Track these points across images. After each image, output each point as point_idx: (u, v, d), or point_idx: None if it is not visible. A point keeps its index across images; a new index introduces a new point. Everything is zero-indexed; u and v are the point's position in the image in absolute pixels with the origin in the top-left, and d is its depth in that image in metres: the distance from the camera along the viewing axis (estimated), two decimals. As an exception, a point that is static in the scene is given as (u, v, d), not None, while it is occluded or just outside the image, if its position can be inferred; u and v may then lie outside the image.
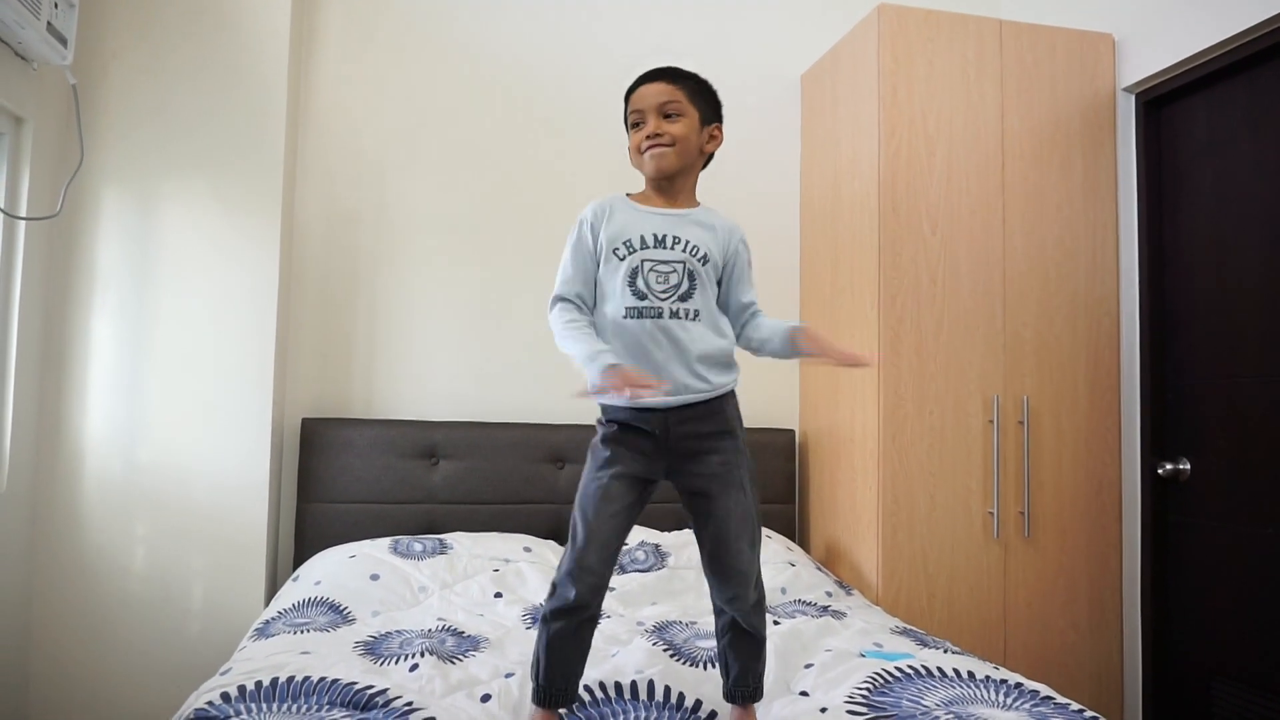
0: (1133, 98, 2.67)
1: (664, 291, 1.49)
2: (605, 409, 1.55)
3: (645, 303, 1.49)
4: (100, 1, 2.37)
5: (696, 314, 1.51)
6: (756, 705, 1.57)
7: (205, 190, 2.43)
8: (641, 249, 1.51)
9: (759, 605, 1.54)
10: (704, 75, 1.62)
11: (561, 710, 1.50)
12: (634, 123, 1.57)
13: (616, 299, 1.50)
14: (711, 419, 1.53)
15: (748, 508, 1.53)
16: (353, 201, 2.74)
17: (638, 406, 1.49)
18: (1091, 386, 2.63)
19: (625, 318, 1.49)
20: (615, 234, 1.52)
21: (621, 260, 1.50)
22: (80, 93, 2.30)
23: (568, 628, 1.46)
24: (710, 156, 1.63)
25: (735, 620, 1.52)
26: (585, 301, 1.54)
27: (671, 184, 1.57)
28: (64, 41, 2.10)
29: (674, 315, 1.49)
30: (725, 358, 1.56)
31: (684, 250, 1.51)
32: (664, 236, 1.52)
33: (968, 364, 2.55)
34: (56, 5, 2.04)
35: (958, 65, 2.59)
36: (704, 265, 1.52)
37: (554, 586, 1.48)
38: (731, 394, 1.57)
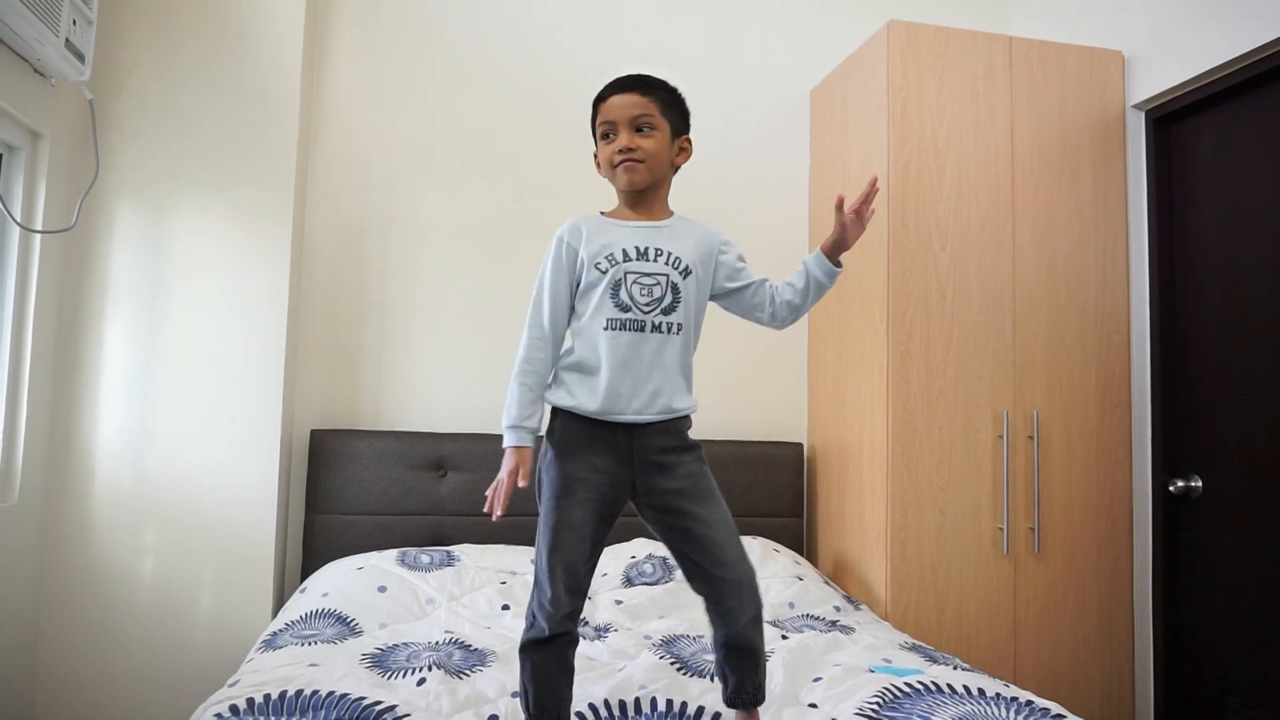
0: (1142, 115, 2.68)
1: (647, 304, 1.49)
2: (559, 412, 1.53)
3: (629, 315, 1.49)
4: (117, 18, 2.40)
5: (680, 328, 1.51)
6: (760, 709, 1.55)
7: (217, 203, 2.45)
8: (625, 261, 1.50)
9: (757, 619, 1.52)
10: (674, 83, 1.60)
11: None
12: (604, 134, 1.56)
13: (599, 312, 1.50)
14: (674, 434, 1.53)
15: (727, 514, 1.52)
16: (363, 214, 2.76)
17: (603, 420, 1.48)
18: (1102, 402, 2.62)
19: (607, 329, 1.48)
20: (597, 250, 1.52)
21: (604, 274, 1.50)
22: (96, 108, 2.32)
23: (548, 656, 1.46)
24: (678, 167, 1.62)
25: (730, 636, 1.50)
26: (556, 334, 1.54)
27: (643, 197, 1.57)
28: (81, 58, 2.13)
29: (655, 329, 1.49)
30: (689, 379, 1.56)
31: (666, 262, 1.51)
32: (646, 249, 1.52)
33: (977, 379, 2.54)
34: (75, 22, 2.06)
35: (967, 81, 2.60)
36: (685, 278, 1.52)
37: (530, 617, 1.47)
38: (689, 419, 1.57)
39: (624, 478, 1.50)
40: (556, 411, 1.55)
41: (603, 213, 1.60)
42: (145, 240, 2.42)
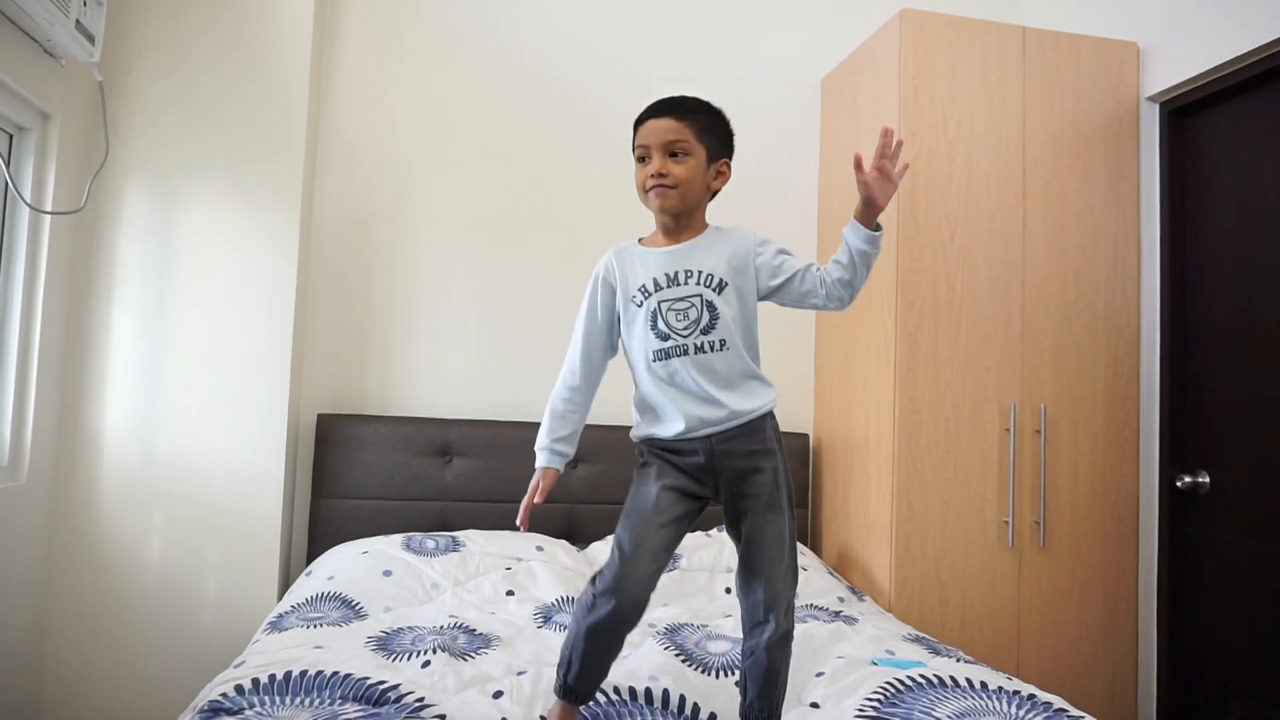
0: (1156, 107, 2.65)
1: (685, 329, 1.50)
2: (646, 440, 1.57)
3: (669, 343, 1.51)
4: (128, 0, 2.41)
5: (723, 344, 1.51)
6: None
7: (226, 186, 2.45)
8: (656, 292, 1.52)
9: (785, 639, 1.52)
10: (717, 104, 1.58)
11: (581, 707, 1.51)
12: (640, 157, 1.56)
13: (643, 346, 1.53)
14: (752, 438, 1.53)
15: (783, 530, 1.52)
16: (371, 199, 2.76)
17: (681, 436, 1.51)
18: (1110, 396, 2.61)
19: (654, 361, 1.51)
20: (629, 283, 1.55)
21: (639, 307, 1.53)
22: (106, 89, 2.32)
23: (606, 638, 1.46)
24: (717, 191, 1.60)
25: (756, 649, 1.51)
26: (587, 365, 1.59)
27: (677, 221, 1.56)
28: (92, 39, 2.12)
29: (700, 350, 1.50)
30: (755, 379, 1.55)
31: (697, 283, 1.52)
32: (675, 274, 1.52)
33: (985, 371, 2.53)
34: (85, 3, 2.06)
35: (980, 71, 2.58)
36: (720, 292, 1.51)
37: (594, 599, 1.46)
38: (770, 414, 1.57)
39: (706, 480, 1.53)
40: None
41: (640, 240, 1.61)
42: (154, 222, 2.42)
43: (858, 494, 2.67)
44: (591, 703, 1.57)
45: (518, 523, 1.61)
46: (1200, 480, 2.46)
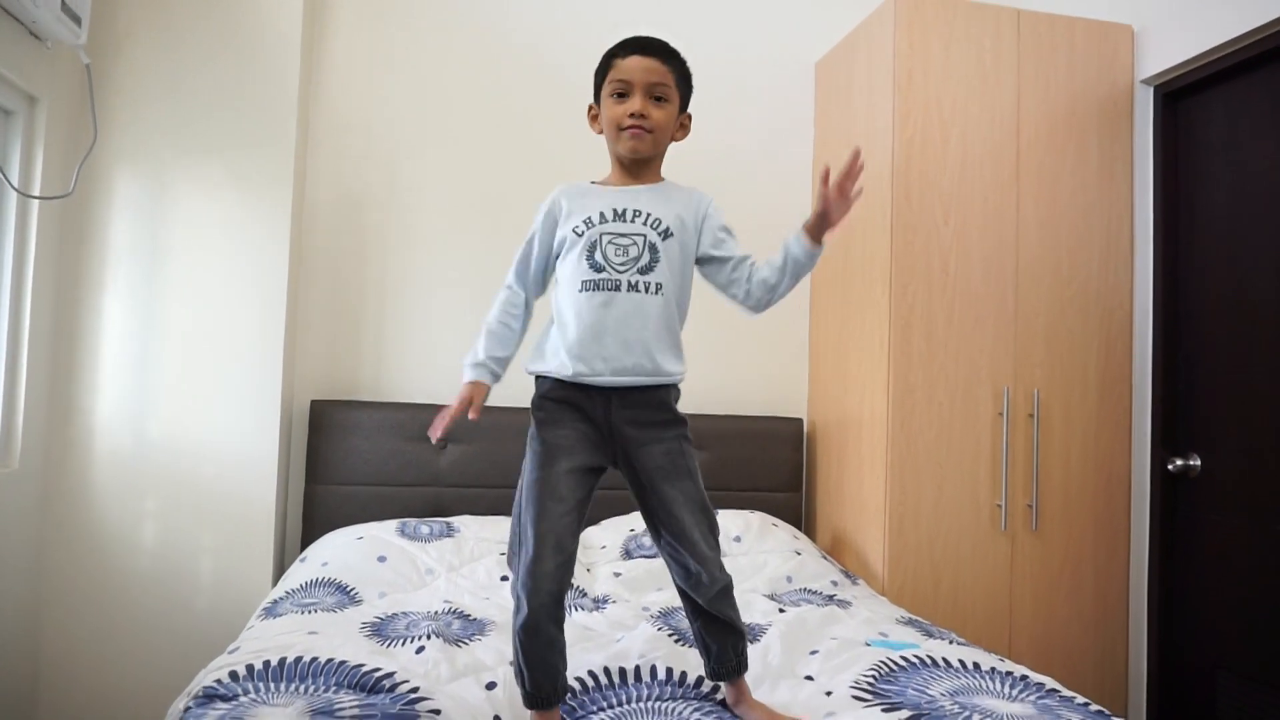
0: (1151, 90, 2.64)
1: (622, 264, 1.46)
2: (540, 383, 1.52)
3: (602, 275, 1.46)
4: (114, -20, 2.37)
5: (659, 288, 1.46)
6: (755, 683, 1.56)
7: (216, 170, 2.43)
8: (601, 223, 1.48)
9: (725, 592, 1.50)
10: (686, 56, 1.56)
11: (559, 706, 1.47)
12: (619, 93, 1.50)
13: (575, 275, 1.47)
14: (656, 407, 1.49)
15: (698, 495, 1.49)
16: (363, 183, 2.74)
17: (579, 384, 1.46)
18: (1102, 380, 2.61)
19: (581, 291, 1.46)
20: (574, 215, 1.50)
21: (580, 236, 1.48)
22: (93, 72, 2.30)
23: (539, 637, 1.41)
24: (675, 143, 1.58)
25: (701, 608, 1.50)
26: (524, 286, 1.57)
27: (637, 166, 1.54)
28: (78, 21, 2.10)
29: (633, 288, 1.45)
30: (677, 344, 1.51)
31: (644, 223, 1.48)
32: (623, 210, 1.48)
33: (978, 354, 2.54)
34: (70, -17, 2.03)
35: (974, 53, 2.57)
36: (665, 239, 1.48)
37: (516, 600, 1.42)
38: (675, 386, 1.53)
39: (604, 446, 1.49)
40: (538, 381, 1.54)
41: (594, 181, 1.58)
42: (144, 206, 2.40)
43: (851, 478, 2.68)
44: (577, 690, 1.56)
45: (430, 433, 1.56)
46: (1192, 463, 2.47)
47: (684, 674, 1.63)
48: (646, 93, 1.49)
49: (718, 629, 1.51)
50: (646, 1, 2.94)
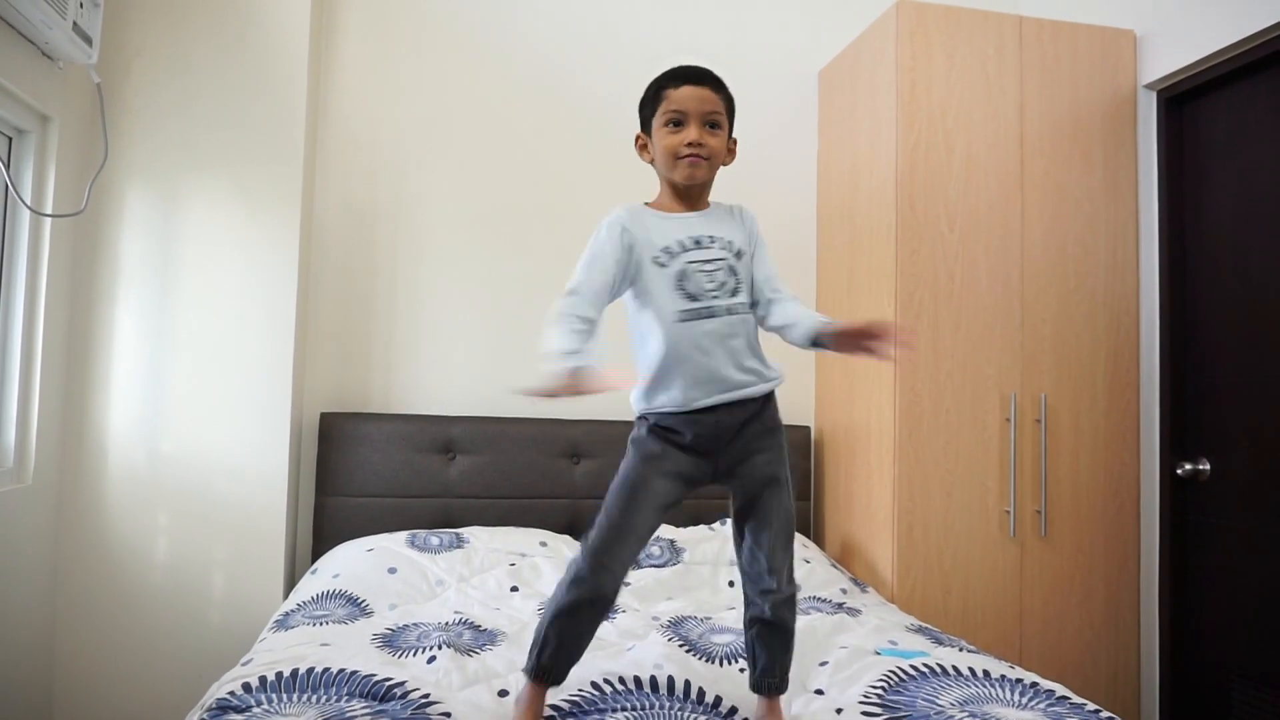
0: (1154, 95, 2.65)
1: (714, 291, 1.50)
2: (650, 413, 1.53)
3: (698, 304, 1.48)
4: (124, 1, 2.40)
5: (745, 309, 1.53)
6: (781, 698, 1.57)
7: (226, 186, 2.46)
8: (683, 252, 1.50)
9: (790, 601, 1.54)
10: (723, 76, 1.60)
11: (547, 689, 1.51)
12: (674, 122, 1.52)
13: (667, 305, 1.48)
14: (760, 416, 1.53)
15: (790, 509, 1.54)
16: (372, 197, 2.76)
17: (687, 410, 1.48)
18: (1110, 385, 2.61)
19: (679, 322, 1.48)
20: (651, 242, 1.50)
21: (664, 267, 1.49)
22: (105, 91, 2.33)
23: (587, 616, 1.47)
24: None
25: (765, 612, 1.52)
26: (597, 303, 1.50)
27: (691, 192, 1.56)
28: (89, 41, 2.13)
29: (730, 312, 1.50)
30: (763, 354, 1.56)
31: (722, 248, 1.52)
32: (701, 237, 1.52)
33: (985, 361, 2.54)
34: (82, 5, 2.06)
35: (977, 61, 2.58)
36: (739, 260, 1.53)
37: (577, 578, 1.46)
38: (773, 394, 1.57)
39: (706, 462, 1.52)
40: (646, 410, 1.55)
41: (647, 204, 1.59)
42: (155, 223, 2.43)
43: (859, 485, 2.68)
44: (595, 692, 1.58)
45: (531, 391, 1.35)
46: (1201, 467, 2.46)
47: (701, 690, 1.63)
48: (702, 122, 1.52)
49: (773, 638, 1.53)
50: (652, 15, 2.96)
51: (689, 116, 1.51)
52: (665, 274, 1.49)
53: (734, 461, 1.52)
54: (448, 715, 1.46)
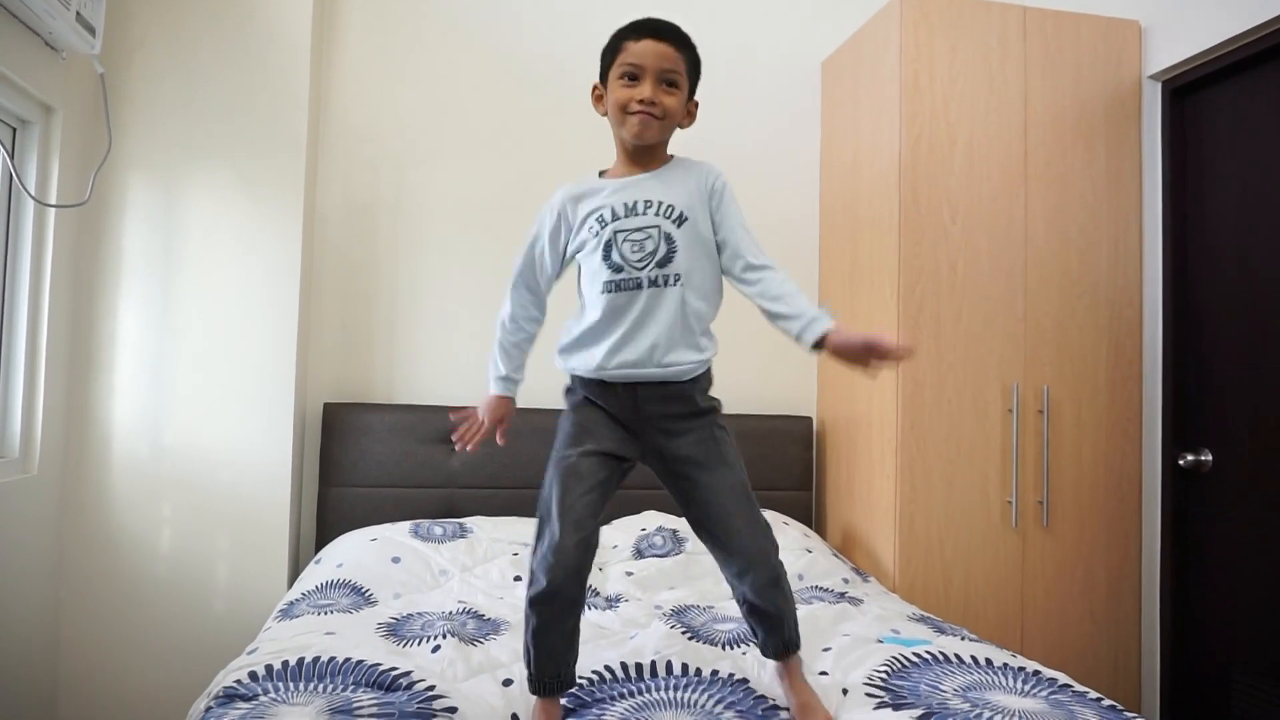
0: (1159, 85, 2.64)
1: (640, 260, 1.44)
2: (573, 377, 1.53)
3: (622, 274, 1.45)
4: (126, -10, 2.40)
5: (677, 278, 1.45)
6: (799, 653, 1.53)
7: (229, 178, 2.46)
8: (613, 221, 1.46)
9: (773, 583, 1.48)
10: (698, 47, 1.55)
11: (562, 699, 1.48)
12: (629, 75, 1.47)
13: (596, 275, 1.47)
14: (677, 399, 1.48)
15: (736, 482, 1.48)
16: (374, 189, 2.76)
17: (603, 381, 1.47)
18: (1112, 376, 2.61)
19: (603, 292, 1.45)
20: (587, 214, 1.49)
21: (595, 236, 1.47)
22: (108, 82, 2.33)
23: (549, 616, 1.41)
24: (681, 129, 1.56)
25: (747, 597, 1.49)
26: (530, 298, 1.59)
27: (642, 151, 1.51)
28: (92, 31, 2.12)
29: (654, 283, 1.44)
30: (694, 333, 1.47)
31: (656, 213, 1.45)
32: (633, 204, 1.47)
33: (987, 352, 2.54)
34: (85, -6, 2.06)
35: (981, 52, 2.57)
36: (680, 225, 1.46)
37: (530, 574, 1.43)
38: (705, 374, 1.51)
39: (631, 439, 1.49)
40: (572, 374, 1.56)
41: (601, 173, 1.56)
42: (158, 214, 2.43)
43: (861, 476, 2.68)
44: (595, 681, 1.58)
45: (459, 442, 1.66)
46: (1203, 458, 2.47)
47: (699, 669, 1.64)
48: (658, 78, 1.46)
49: (760, 617, 1.50)
50: (654, 6, 2.94)
51: (645, 71, 1.46)
52: (596, 243, 1.47)
53: (657, 443, 1.48)
54: (454, 710, 1.46)
